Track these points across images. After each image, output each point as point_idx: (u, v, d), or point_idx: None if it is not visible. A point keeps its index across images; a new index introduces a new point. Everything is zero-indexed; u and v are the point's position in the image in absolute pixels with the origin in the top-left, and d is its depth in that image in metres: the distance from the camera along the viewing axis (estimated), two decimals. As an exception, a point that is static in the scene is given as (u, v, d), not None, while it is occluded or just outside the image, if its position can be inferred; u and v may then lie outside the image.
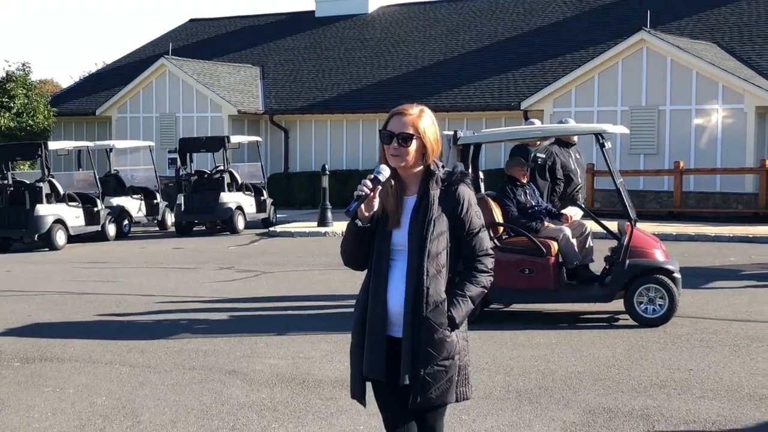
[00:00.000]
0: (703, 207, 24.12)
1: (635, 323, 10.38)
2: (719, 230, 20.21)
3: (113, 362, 9.12)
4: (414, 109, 4.33)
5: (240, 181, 24.43)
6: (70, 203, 22.21)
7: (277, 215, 25.85)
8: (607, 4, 32.72)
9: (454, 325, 4.28)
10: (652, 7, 29.04)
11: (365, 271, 4.48)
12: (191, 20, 43.93)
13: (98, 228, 22.73)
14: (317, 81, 33.82)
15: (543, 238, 10.74)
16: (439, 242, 4.29)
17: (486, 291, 4.41)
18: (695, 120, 24.87)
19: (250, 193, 24.60)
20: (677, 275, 10.49)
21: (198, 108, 33.12)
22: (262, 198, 24.95)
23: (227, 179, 23.86)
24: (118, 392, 7.98)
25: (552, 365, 8.59)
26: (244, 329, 10.74)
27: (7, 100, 34.99)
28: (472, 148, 11.31)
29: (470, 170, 11.39)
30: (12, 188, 21.82)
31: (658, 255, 10.57)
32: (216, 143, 24.60)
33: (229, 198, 23.65)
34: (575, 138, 12.06)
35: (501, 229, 10.82)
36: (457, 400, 4.38)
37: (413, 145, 4.28)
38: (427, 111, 4.37)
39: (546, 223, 11.03)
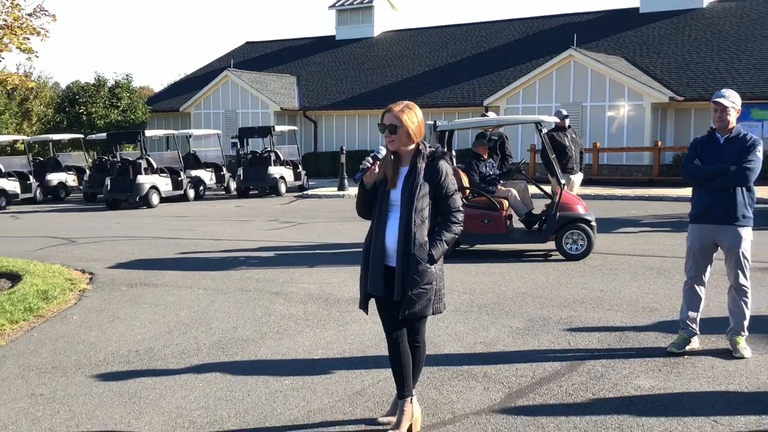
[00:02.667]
0: (614, 175, 24.07)
1: (563, 258, 10.42)
2: (625, 192, 20.23)
3: (192, 286, 9.19)
4: (398, 106, 4.38)
5: (282, 158, 24.46)
6: (161, 174, 22.30)
7: (309, 183, 25.85)
8: (545, 29, 32.44)
9: (432, 261, 4.31)
10: (577, 31, 28.90)
11: (369, 222, 4.52)
12: (247, 42, 43.57)
13: (181, 192, 22.83)
14: (337, 86, 33.63)
15: (497, 197, 10.75)
16: (423, 201, 4.32)
17: (457, 237, 4.44)
18: (608, 113, 24.73)
19: (289, 167, 24.63)
20: (594, 223, 10.52)
21: (252, 106, 32.96)
22: (298, 170, 24.98)
23: (273, 157, 23.87)
24: (196, 307, 8.05)
25: (503, 287, 8.63)
26: (285, 263, 10.79)
27: (116, 100, 34.96)
28: (447, 133, 11.27)
29: (445, 149, 11.36)
30: (120, 164, 21.88)
31: (580, 209, 10.57)
32: (265, 131, 24.58)
33: (275, 170, 23.68)
34: (567, 122, 11.89)
35: (468, 191, 10.82)
36: (433, 314, 4.42)
37: (400, 132, 4.31)
38: (411, 105, 4.38)
39: (499, 186, 11.03)
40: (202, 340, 6.71)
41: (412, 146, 4.38)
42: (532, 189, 11.80)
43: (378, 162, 4.37)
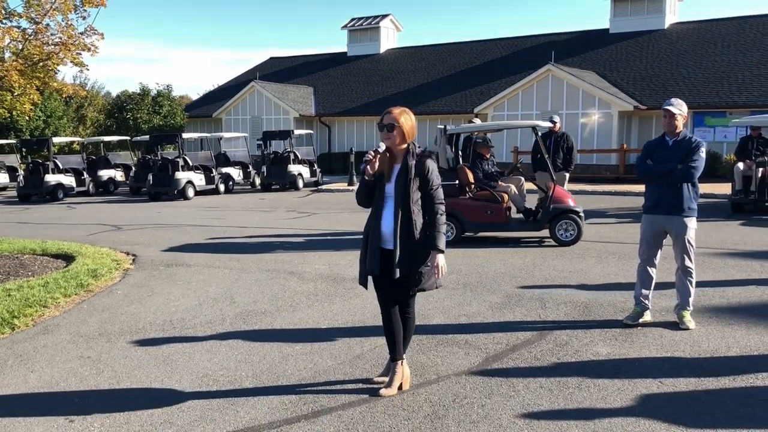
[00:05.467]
0: (585, 173, 23.97)
1: (552, 244, 10.31)
2: (594, 187, 20.15)
3: (220, 267, 9.22)
4: (397, 109, 4.37)
5: (300, 158, 24.40)
6: (196, 171, 22.28)
7: (323, 179, 25.82)
8: (527, 47, 32.26)
9: (442, 251, 4.25)
10: (555, 49, 28.76)
11: (369, 210, 4.53)
12: (271, 58, 43.48)
13: (213, 186, 22.80)
14: (348, 96, 33.59)
15: (498, 192, 10.58)
16: (416, 193, 4.32)
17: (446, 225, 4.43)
18: (581, 119, 24.66)
19: (306, 165, 24.55)
20: (582, 214, 10.35)
21: (275, 112, 32.94)
22: (314, 168, 24.90)
23: (292, 156, 23.79)
24: (222, 284, 8.09)
25: (486, 268, 8.61)
26: (300, 247, 10.80)
27: (158, 108, 35.01)
28: (455, 136, 11.16)
29: (453, 149, 11.06)
30: (161, 162, 21.89)
31: (571, 202, 10.42)
32: (285, 134, 24.53)
33: (294, 168, 23.62)
34: (557, 127, 11.79)
35: (473, 186, 10.65)
36: (436, 288, 4.44)
37: (395, 131, 4.32)
38: (407, 110, 4.40)
39: (499, 182, 10.93)
40: (227, 312, 6.75)
41: (405, 146, 4.39)
42: (527, 185, 11.69)
43: (378, 155, 4.38)
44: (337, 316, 6.52)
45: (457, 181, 10.67)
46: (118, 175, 25.84)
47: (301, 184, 23.82)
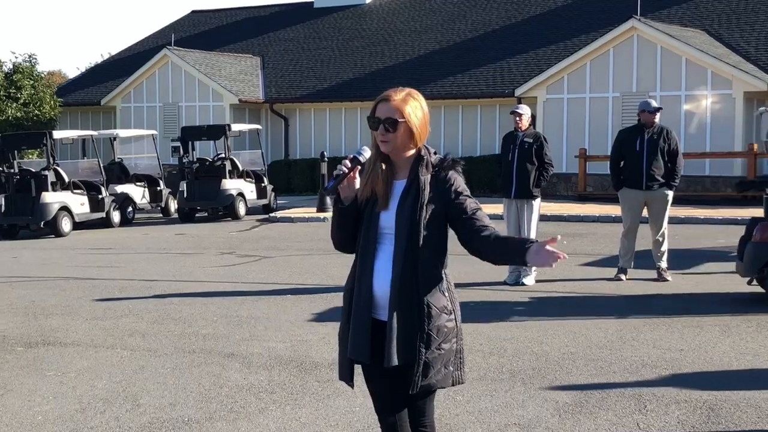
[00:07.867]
0: (693, 190, 24.03)
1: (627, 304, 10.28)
2: (708, 213, 20.21)
3: (114, 346, 9.09)
4: (399, 94, 4.18)
5: (241, 168, 24.46)
6: (75, 191, 22.21)
7: (278, 201, 25.86)
8: (599, -7, 32.68)
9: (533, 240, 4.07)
10: (642, -4, 29.07)
11: (352, 256, 4.38)
12: (193, 12, 43.93)
13: (103, 215, 22.78)
14: (316, 70, 33.80)
15: None
16: (431, 227, 4.14)
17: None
18: (685, 106, 24.83)
19: (251, 179, 24.61)
20: None
21: (200, 97, 33.13)
22: (263, 184, 24.95)
23: (228, 166, 23.86)
24: (119, 376, 7.94)
25: (545, 346, 8.53)
26: (243, 313, 10.69)
27: (14, 91, 34.99)
28: None
29: None
30: (18, 176, 21.86)
31: None
32: (217, 131, 24.58)
33: (231, 185, 23.67)
34: (654, 117, 11.83)
35: None
36: (452, 385, 4.27)
37: (400, 130, 4.15)
38: (415, 94, 4.22)
39: None
40: (127, 423, 6.63)
41: (413, 151, 4.24)
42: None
43: (359, 167, 4.21)
44: (307, 427, 6.42)
45: None
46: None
47: (242, 209, 23.81)
